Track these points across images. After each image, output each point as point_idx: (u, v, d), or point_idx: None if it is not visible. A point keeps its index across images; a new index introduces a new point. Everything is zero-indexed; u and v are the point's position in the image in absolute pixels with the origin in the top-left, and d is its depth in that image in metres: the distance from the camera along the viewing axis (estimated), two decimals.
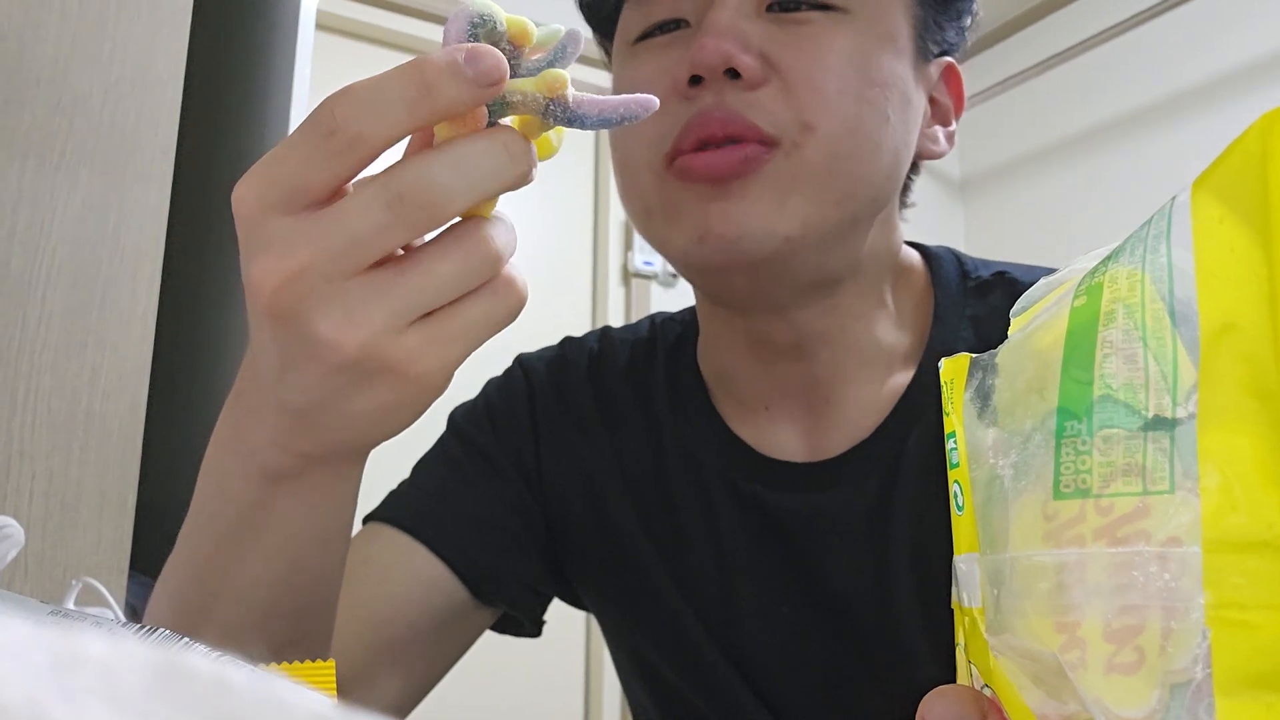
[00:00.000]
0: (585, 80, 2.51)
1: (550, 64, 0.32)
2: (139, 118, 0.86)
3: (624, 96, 0.31)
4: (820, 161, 0.48)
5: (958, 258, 0.60)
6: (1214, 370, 0.19)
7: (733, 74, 0.48)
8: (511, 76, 0.31)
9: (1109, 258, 0.23)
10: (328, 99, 0.29)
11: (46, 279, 0.80)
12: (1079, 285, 0.23)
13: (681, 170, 0.48)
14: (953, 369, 0.27)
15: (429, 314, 0.31)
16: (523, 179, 0.31)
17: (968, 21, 0.56)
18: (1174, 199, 0.21)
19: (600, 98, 0.31)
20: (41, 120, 0.82)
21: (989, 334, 0.55)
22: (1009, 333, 0.26)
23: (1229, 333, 0.19)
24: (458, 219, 0.31)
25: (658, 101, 0.31)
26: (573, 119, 0.31)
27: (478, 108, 0.30)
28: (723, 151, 0.47)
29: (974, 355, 0.27)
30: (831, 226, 0.49)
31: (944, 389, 0.27)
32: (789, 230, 0.48)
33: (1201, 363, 0.19)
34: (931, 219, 2.78)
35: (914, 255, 0.60)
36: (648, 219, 0.52)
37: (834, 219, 0.49)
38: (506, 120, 0.32)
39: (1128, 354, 0.21)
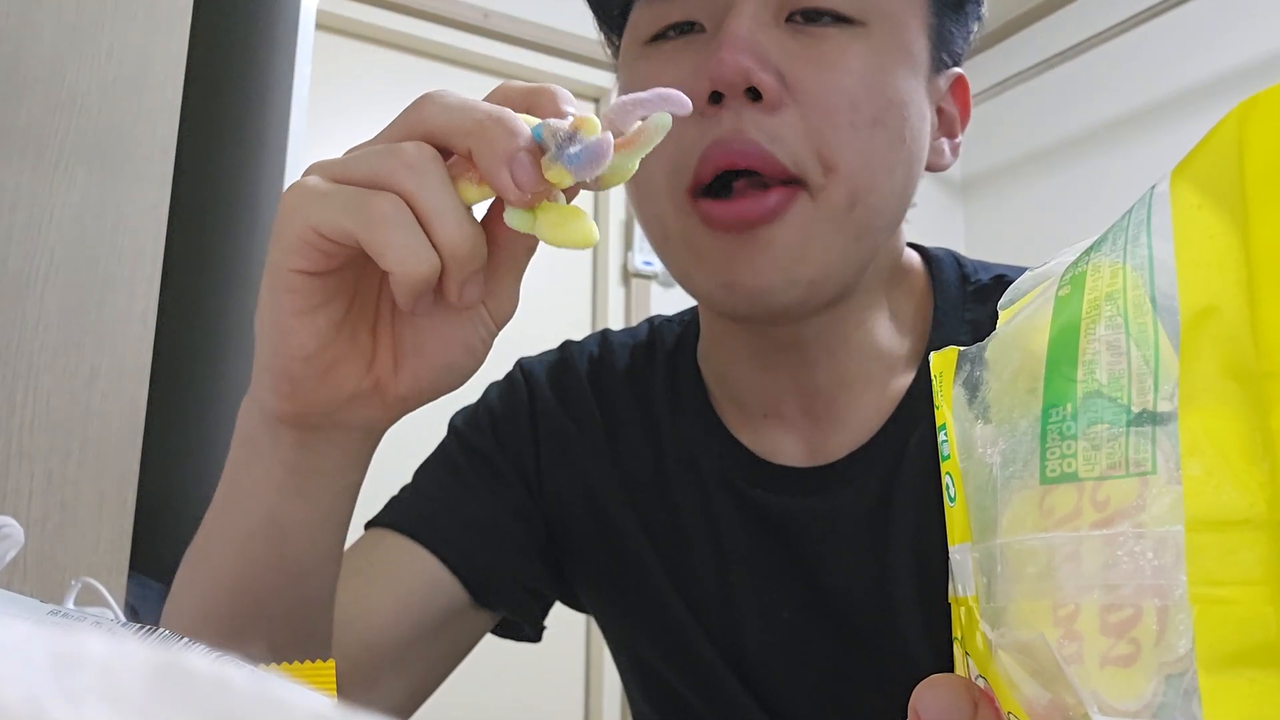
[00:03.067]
0: (582, 80, 2.47)
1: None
2: (137, 117, 0.86)
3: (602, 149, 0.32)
4: (842, 203, 0.48)
5: (958, 261, 0.60)
6: (1195, 353, 0.19)
7: (752, 93, 0.47)
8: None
9: (1092, 247, 0.23)
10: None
11: (45, 279, 0.80)
12: (1063, 275, 0.24)
13: (706, 217, 0.48)
14: (942, 362, 0.27)
15: None
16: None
17: (975, 27, 0.56)
18: (1153, 188, 0.22)
19: (592, 156, 0.32)
20: (39, 119, 0.82)
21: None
22: (997, 325, 0.26)
23: (1209, 316, 0.19)
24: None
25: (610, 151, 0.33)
26: (568, 154, 0.32)
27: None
28: (747, 201, 0.47)
29: (962, 348, 0.27)
30: (852, 261, 0.50)
31: (934, 382, 0.27)
32: (812, 275, 0.48)
33: (1182, 346, 0.20)
34: (932, 219, 2.78)
35: (914, 257, 0.60)
36: (665, 244, 0.52)
37: (853, 254, 0.49)
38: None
39: (1112, 347, 0.21)
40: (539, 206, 0.34)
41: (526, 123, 0.33)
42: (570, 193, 0.34)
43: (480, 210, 0.36)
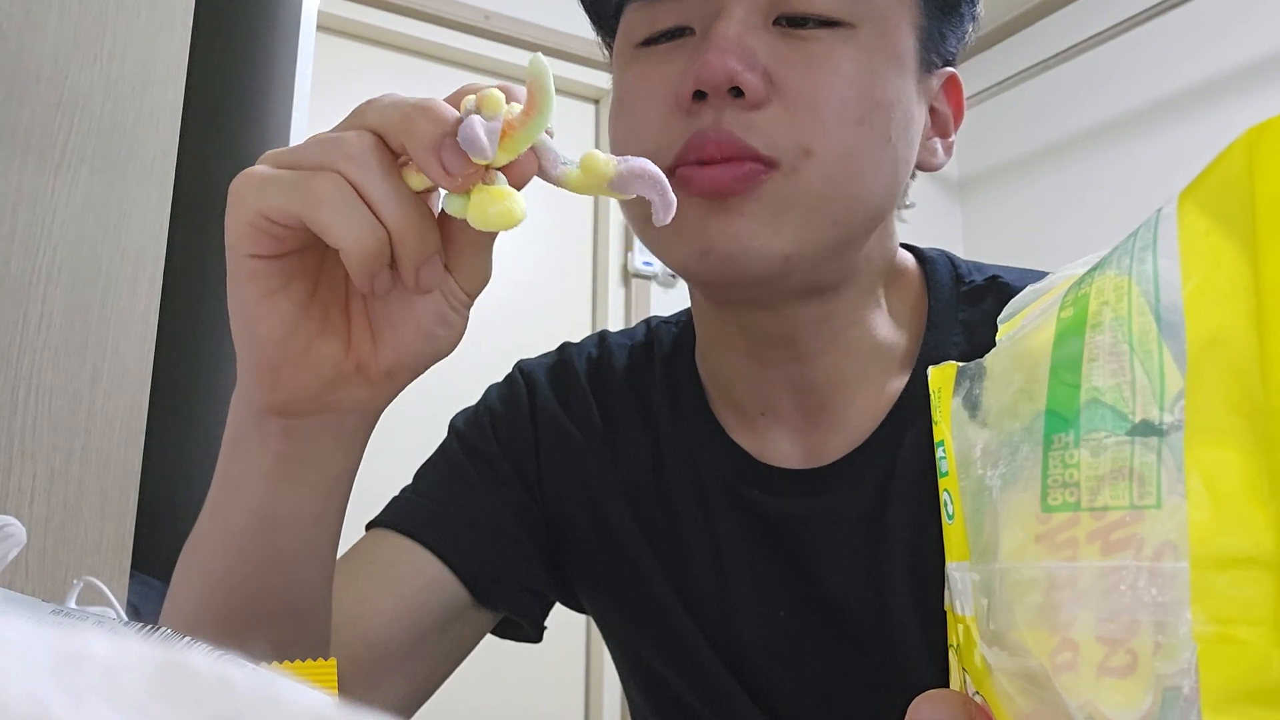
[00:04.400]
0: (583, 81, 2.47)
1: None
2: (140, 117, 0.87)
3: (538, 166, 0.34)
4: (817, 185, 0.48)
5: (951, 261, 0.60)
6: (1201, 385, 0.19)
7: (736, 91, 0.47)
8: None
9: (1095, 268, 0.23)
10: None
11: (47, 278, 0.80)
12: (1065, 296, 0.23)
13: (683, 180, 0.48)
14: (940, 378, 0.27)
15: None
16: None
17: (969, 28, 0.56)
18: (1159, 211, 0.21)
19: (465, 141, 0.33)
20: (42, 119, 0.82)
21: (981, 340, 0.55)
22: (996, 338, 0.26)
23: (1216, 347, 0.19)
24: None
25: (520, 216, 0.34)
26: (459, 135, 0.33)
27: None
28: (723, 166, 0.47)
29: (961, 364, 0.27)
30: (828, 244, 0.49)
31: (932, 397, 0.27)
32: (787, 249, 0.48)
33: (1188, 377, 0.19)
34: (929, 219, 2.78)
35: (908, 258, 0.60)
36: (645, 225, 0.52)
37: (830, 238, 0.49)
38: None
39: (1115, 359, 0.21)
40: (473, 189, 0.34)
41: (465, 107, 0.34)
42: (517, 181, 0.35)
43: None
